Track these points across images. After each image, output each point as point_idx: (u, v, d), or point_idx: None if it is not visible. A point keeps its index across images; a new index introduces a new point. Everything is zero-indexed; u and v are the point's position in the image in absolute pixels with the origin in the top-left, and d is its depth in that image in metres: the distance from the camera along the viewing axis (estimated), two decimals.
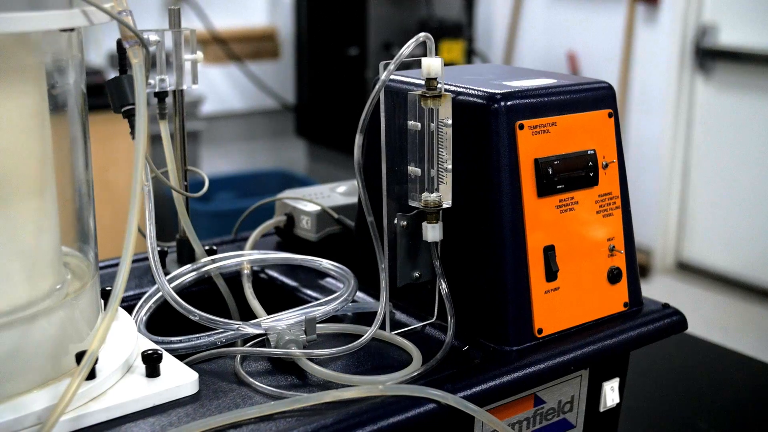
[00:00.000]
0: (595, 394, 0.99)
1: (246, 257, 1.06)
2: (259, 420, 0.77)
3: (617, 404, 1.01)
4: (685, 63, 3.99)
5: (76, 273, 0.86)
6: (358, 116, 0.87)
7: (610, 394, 1.00)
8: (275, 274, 1.11)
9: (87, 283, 0.83)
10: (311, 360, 0.86)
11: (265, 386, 0.83)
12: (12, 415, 0.72)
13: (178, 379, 0.81)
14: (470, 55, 3.92)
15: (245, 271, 1.06)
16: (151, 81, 1.03)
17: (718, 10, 3.95)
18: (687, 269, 4.08)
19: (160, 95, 1.04)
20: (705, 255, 4.03)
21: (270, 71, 4.31)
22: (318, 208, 1.16)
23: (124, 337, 0.85)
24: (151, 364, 0.81)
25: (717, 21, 3.95)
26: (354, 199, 1.20)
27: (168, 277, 1.02)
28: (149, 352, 0.82)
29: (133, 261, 1.17)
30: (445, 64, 0.90)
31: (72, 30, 0.76)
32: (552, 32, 4.41)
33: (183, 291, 1.02)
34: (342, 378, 0.83)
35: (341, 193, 1.23)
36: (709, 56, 3.96)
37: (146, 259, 1.17)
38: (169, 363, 0.83)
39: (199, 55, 1.06)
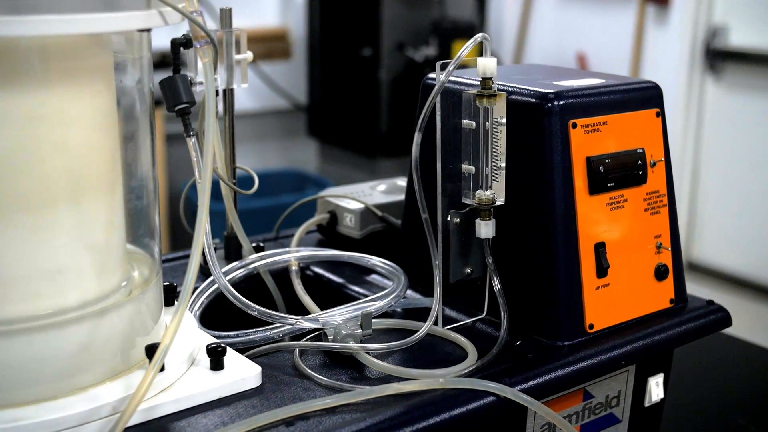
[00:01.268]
0: (640, 389, 1.01)
1: (297, 254, 1.08)
2: (324, 412, 0.79)
3: (661, 399, 1.03)
4: (695, 64, 4.01)
5: (139, 268, 0.87)
6: (371, 117, 0.89)
7: (655, 389, 1.01)
8: (320, 271, 1.13)
9: (153, 279, 0.84)
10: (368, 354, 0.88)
11: (325, 379, 0.84)
12: (89, 405, 0.74)
13: (242, 372, 0.83)
14: (483, 55, 3.93)
15: (293, 268, 1.08)
16: (202, 80, 1.05)
17: (728, 11, 3.97)
18: (696, 269, 4.10)
19: None
20: (715, 255, 4.05)
21: (282, 71, 4.33)
22: (361, 206, 1.17)
23: (186, 331, 0.87)
24: (216, 357, 0.83)
25: (727, 22, 3.97)
26: (395, 198, 1.22)
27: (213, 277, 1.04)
28: (213, 345, 0.84)
29: (177, 258, 1.20)
30: (460, 66, 0.91)
31: (148, 30, 0.77)
32: (561, 33, 4.42)
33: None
34: (402, 371, 0.85)
35: (382, 191, 1.24)
36: (719, 57, 3.98)
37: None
38: (231, 356, 0.85)
39: (249, 54, 1.07)
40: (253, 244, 1.12)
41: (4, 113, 0.70)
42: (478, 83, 0.92)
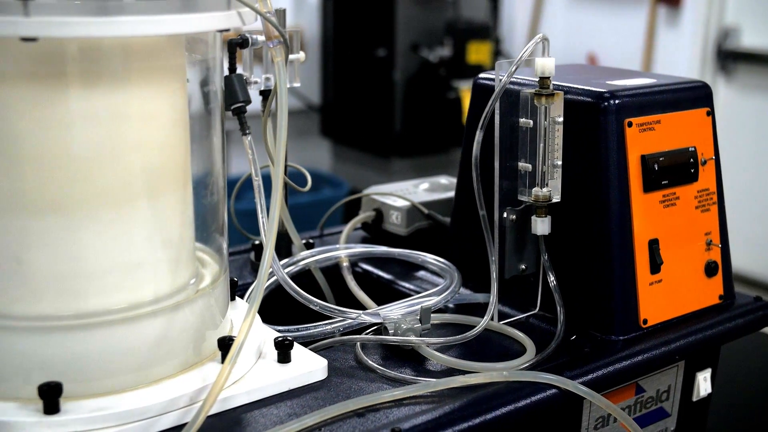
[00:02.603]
0: (688, 384, 1.03)
1: (350, 250, 1.10)
2: (392, 404, 0.81)
3: (709, 394, 1.05)
4: (706, 65, 4.02)
5: (206, 264, 0.89)
6: (385, 117, 0.91)
7: (703, 384, 1.03)
8: (369, 268, 1.15)
9: (221, 274, 0.86)
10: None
11: (390, 371, 0.86)
12: (167, 396, 0.75)
13: (309, 365, 0.85)
14: (497, 56, 3.95)
15: (344, 264, 1.10)
16: (257, 79, 1.06)
17: (740, 12, 3.98)
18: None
19: (265, 93, 1.08)
20: None
21: None
22: (407, 203, 1.19)
23: (254, 325, 0.89)
24: (284, 350, 0.85)
25: (739, 23, 3.98)
26: (439, 196, 1.24)
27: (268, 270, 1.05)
28: (281, 339, 0.85)
29: (230, 254, 1.21)
30: (473, 65, 0.93)
31: (228, 30, 0.79)
32: (572, 34, 4.44)
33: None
34: (464, 365, 0.87)
35: (425, 189, 1.26)
36: (730, 58, 3.99)
37: (243, 251, 1.20)
38: (297, 350, 0.87)
39: (302, 54, 1.09)
40: (303, 241, 1.13)
41: (88, 111, 0.72)
42: (532, 82, 0.94)
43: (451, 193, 1.24)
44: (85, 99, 0.72)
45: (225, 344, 0.81)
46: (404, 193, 1.23)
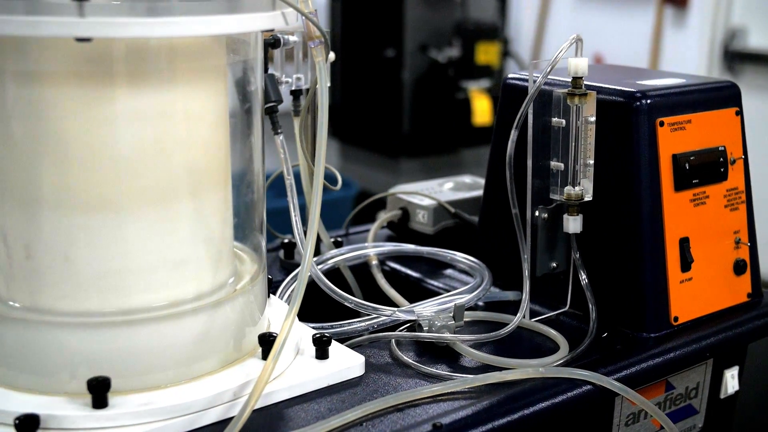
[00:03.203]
0: (716, 381, 1.04)
1: (379, 248, 1.11)
2: (431, 399, 0.82)
3: (736, 391, 1.06)
4: (713, 66, 4.03)
5: (243, 262, 0.90)
6: (394, 117, 0.92)
7: (731, 381, 1.04)
8: (396, 266, 1.16)
9: (260, 272, 0.87)
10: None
11: (427, 367, 0.87)
12: (212, 391, 0.76)
13: (347, 361, 0.86)
14: (505, 56, 3.96)
15: (374, 263, 1.11)
16: (289, 79, 1.08)
17: (747, 13, 3.99)
18: None
19: (296, 93, 1.09)
20: None
21: None
22: (434, 202, 1.20)
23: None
24: (322, 347, 0.86)
25: (746, 24, 3.99)
26: (464, 195, 1.25)
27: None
28: (318, 335, 0.86)
29: None
30: (482, 66, 0.94)
31: (272, 30, 0.80)
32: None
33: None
34: (500, 361, 0.88)
35: (450, 188, 1.27)
36: (737, 59, 4.00)
37: (270, 250, 1.21)
38: (335, 346, 0.88)
39: (332, 55, 1.10)
40: (332, 240, 1.14)
41: (134, 111, 0.73)
42: (561, 82, 0.95)
43: (476, 192, 1.25)
44: (131, 98, 0.73)
45: (266, 340, 0.82)
46: (429, 193, 1.24)
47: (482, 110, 3.75)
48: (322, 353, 0.86)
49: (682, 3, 4.05)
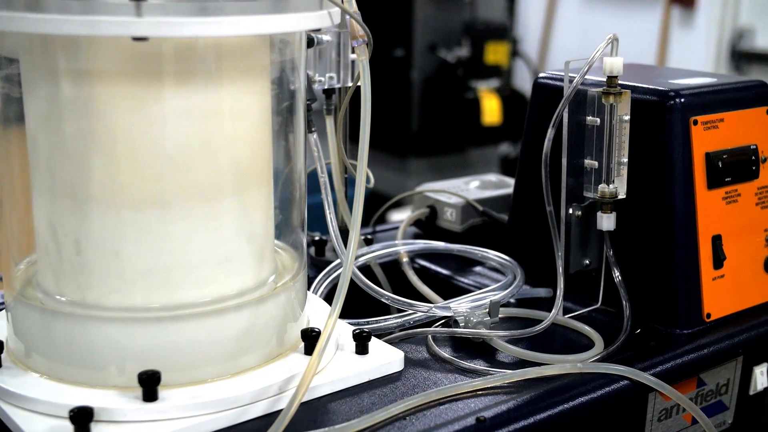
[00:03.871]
0: (746, 377, 1.05)
1: (411, 246, 1.12)
2: (471, 394, 0.83)
3: (765, 388, 1.06)
4: (720, 66, 4.04)
5: (283, 259, 0.91)
6: (403, 117, 0.92)
7: (760, 378, 1.05)
8: (426, 263, 1.17)
9: (302, 268, 0.88)
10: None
11: (465, 363, 0.88)
12: (258, 385, 0.77)
13: (386, 356, 0.87)
14: (515, 56, 3.98)
15: (404, 260, 1.12)
16: (321, 78, 1.08)
17: (754, 13, 4.00)
18: None
19: (328, 92, 1.10)
20: None
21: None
22: (461, 200, 1.21)
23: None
24: (362, 342, 0.87)
25: (753, 24, 4.00)
26: (491, 193, 1.26)
27: (333, 264, 1.07)
28: (358, 331, 0.87)
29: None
30: (491, 66, 0.95)
31: (319, 30, 0.81)
32: (586, 34, 4.45)
33: None
34: (537, 356, 0.89)
35: (476, 187, 1.28)
36: (745, 59, 4.01)
37: None
38: (374, 342, 0.89)
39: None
40: (362, 237, 1.15)
41: (183, 109, 0.74)
42: (593, 81, 0.96)
43: (503, 191, 1.26)
44: (180, 97, 0.74)
45: (309, 336, 0.83)
46: (456, 191, 1.25)
47: (491, 110, 3.76)
48: (362, 348, 0.87)
49: (689, 3, 4.06)
